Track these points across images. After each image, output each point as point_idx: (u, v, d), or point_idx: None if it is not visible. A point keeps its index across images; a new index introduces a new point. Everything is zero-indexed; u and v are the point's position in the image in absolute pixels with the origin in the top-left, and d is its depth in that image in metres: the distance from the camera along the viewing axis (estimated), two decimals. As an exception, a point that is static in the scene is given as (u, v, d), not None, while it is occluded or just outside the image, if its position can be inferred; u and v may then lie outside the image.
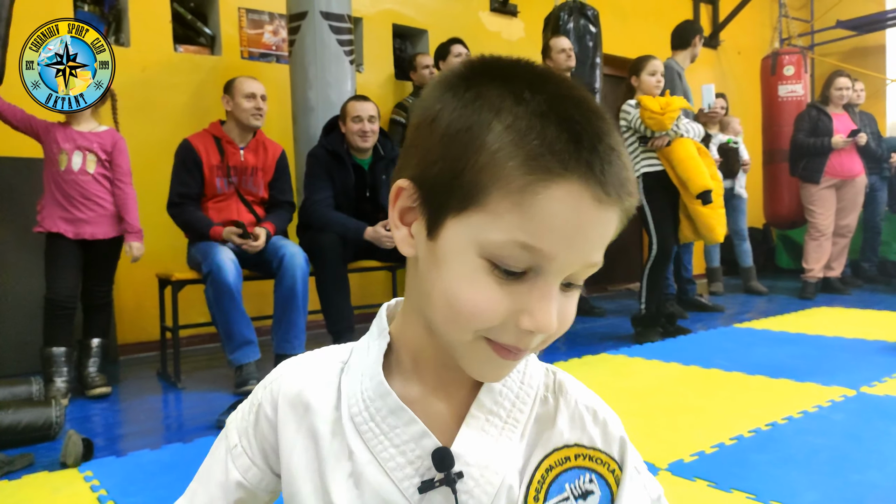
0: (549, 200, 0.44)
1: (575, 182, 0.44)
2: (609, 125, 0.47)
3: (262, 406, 0.59)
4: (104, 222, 2.86)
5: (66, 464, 1.98)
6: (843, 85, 5.01)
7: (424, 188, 0.49)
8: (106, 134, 2.88)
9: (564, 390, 0.58)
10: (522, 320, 0.47)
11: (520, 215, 0.45)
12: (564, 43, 4.18)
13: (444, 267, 0.48)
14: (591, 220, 0.46)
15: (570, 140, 0.44)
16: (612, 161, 0.46)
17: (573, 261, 0.47)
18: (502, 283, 0.46)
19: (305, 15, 3.48)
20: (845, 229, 5.19)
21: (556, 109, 0.45)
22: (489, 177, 0.45)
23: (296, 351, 2.88)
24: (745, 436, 2.06)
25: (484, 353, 0.49)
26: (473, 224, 0.46)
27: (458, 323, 0.48)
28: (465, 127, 0.46)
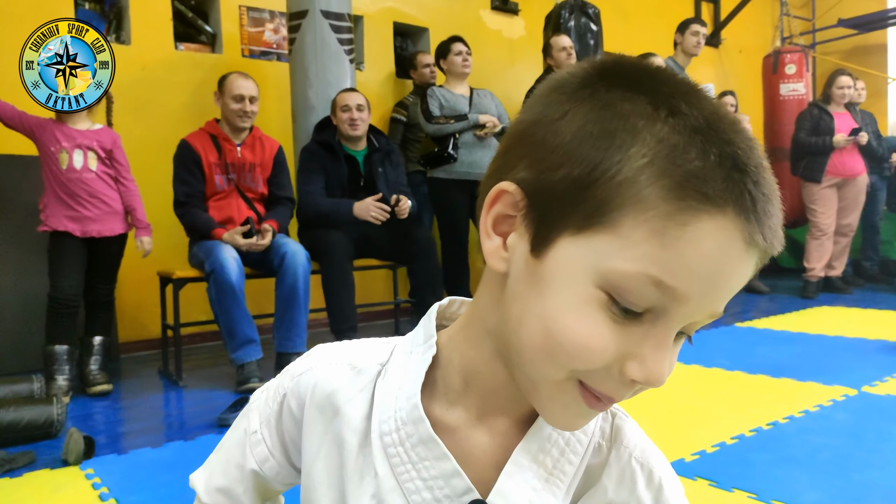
0: (698, 235, 0.37)
1: (731, 218, 0.38)
2: (766, 160, 0.41)
3: (288, 399, 0.54)
4: (110, 219, 2.86)
5: (67, 461, 1.98)
6: (844, 84, 5.00)
7: (537, 196, 0.42)
8: (103, 132, 2.88)
9: (620, 439, 0.51)
10: (630, 368, 0.40)
11: (660, 247, 0.38)
12: (565, 41, 4.18)
13: (549, 292, 0.41)
14: (735, 265, 0.39)
15: (735, 167, 0.38)
16: (773, 201, 0.40)
17: (704, 308, 0.40)
18: (617, 322, 0.40)
19: (306, 14, 3.47)
20: (847, 228, 5.19)
21: (717, 129, 0.39)
22: (628, 195, 0.38)
23: (297, 349, 2.88)
24: (747, 435, 2.06)
25: (569, 398, 0.43)
26: (597, 247, 0.39)
27: (555, 358, 0.41)
28: (606, 132, 0.39)
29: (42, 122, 2.76)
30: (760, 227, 0.39)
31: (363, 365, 0.52)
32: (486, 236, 0.45)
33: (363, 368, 0.52)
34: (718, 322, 4.13)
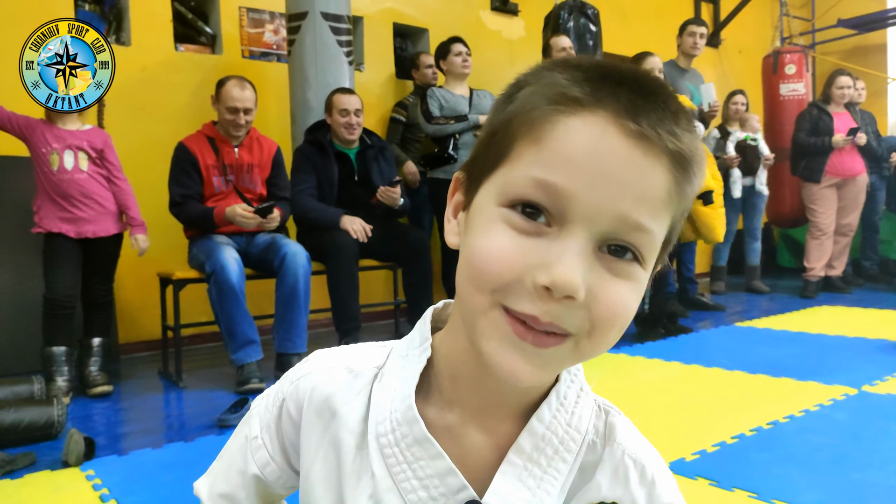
0: (567, 130, 0.41)
1: (599, 112, 0.41)
2: (661, 84, 0.44)
3: (287, 403, 0.55)
4: (105, 220, 2.86)
5: (67, 463, 1.98)
6: (844, 84, 5.01)
7: (469, 168, 0.48)
8: (94, 132, 2.88)
9: (613, 436, 0.52)
10: (539, 275, 0.41)
11: (537, 150, 0.42)
12: (565, 42, 4.18)
13: (470, 231, 0.45)
14: (618, 157, 0.40)
15: (605, 78, 0.42)
16: (654, 99, 0.42)
17: (602, 209, 0.41)
18: (521, 234, 0.42)
19: (305, 15, 3.48)
20: (847, 228, 5.19)
21: (599, 64, 0.44)
22: (517, 123, 0.44)
23: (297, 350, 2.88)
24: (747, 434, 2.06)
25: (501, 329, 0.43)
26: (499, 177, 0.44)
27: (475, 282, 0.43)
28: (504, 97, 0.47)
29: (32, 122, 2.76)
30: (635, 117, 0.41)
31: (360, 368, 0.53)
32: (446, 221, 0.51)
33: (360, 372, 0.53)
34: (719, 322, 4.13)
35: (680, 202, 0.44)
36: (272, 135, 3.37)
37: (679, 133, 0.42)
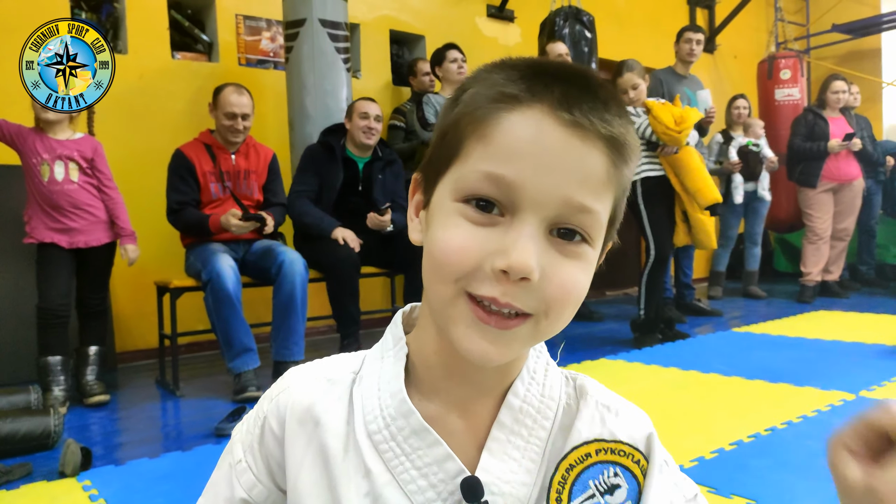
0: (510, 125, 0.45)
1: (536, 106, 0.45)
2: (590, 74, 0.48)
3: (268, 420, 0.56)
4: (96, 229, 2.86)
5: (64, 473, 1.97)
6: (839, 88, 5.03)
7: (425, 170, 0.52)
8: (84, 141, 2.87)
9: (585, 392, 0.55)
10: (497, 260, 0.44)
11: (484, 146, 0.46)
12: (561, 48, 4.19)
13: (430, 226, 0.49)
14: (558, 145, 0.44)
15: (535, 73, 0.46)
16: (586, 90, 0.46)
17: (546, 192, 0.44)
18: (477, 225, 0.46)
19: (303, 22, 3.48)
20: (843, 233, 5.21)
21: (534, 62, 0.48)
22: (464, 123, 0.47)
23: (295, 357, 2.88)
24: (745, 441, 2.06)
25: (466, 314, 0.46)
26: (452, 175, 0.48)
27: (437, 273, 0.47)
28: (451, 101, 0.50)
29: (24, 132, 2.75)
30: (568, 108, 0.44)
31: (337, 376, 0.55)
32: (409, 221, 0.54)
33: (337, 379, 0.55)
34: (716, 327, 4.13)
35: (619, 182, 0.48)
36: (270, 142, 3.37)
37: (610, 119, 0.46)
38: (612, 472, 0.52)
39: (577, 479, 0.51)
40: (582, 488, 0.51)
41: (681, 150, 3.53)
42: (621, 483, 0.52)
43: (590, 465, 0.51)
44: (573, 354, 3.44)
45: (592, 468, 0.52)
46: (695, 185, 3.52)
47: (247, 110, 3.07)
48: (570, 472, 0.51)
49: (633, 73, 3.67)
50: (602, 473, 0.52)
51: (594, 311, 4.64)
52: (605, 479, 0.52)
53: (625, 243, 3.08)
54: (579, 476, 0.51)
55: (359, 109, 3.27)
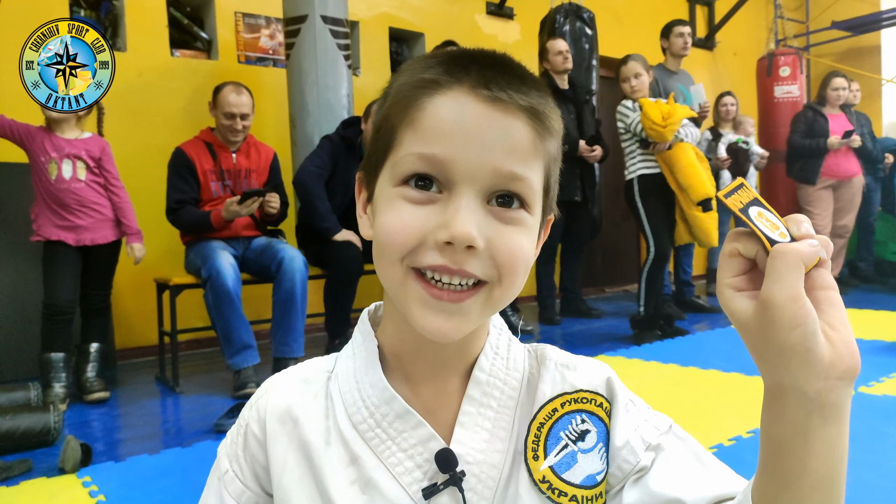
0: (434, 107, 0.48)
1: (455, 87, 0.48)
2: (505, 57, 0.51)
3: (250, 426, 0.57)
4: (103, 227, 2.87)
5: (64, 469, 1.98)
6: (839, 85, 5.03)
7: (366, 167, 0.54)
8: (92, 140, 2.88)
9: (545, 358, 0.58)
10: (439, 233, 0.47)
11: (413, 130, 0.48)
12: (561, 45, 4.19)
13: (375, 216, 0.52)
14: (482, 120, 0.47)
15: (452, 60, 0.49)
16: (501, 69, 0.49)
17: (475, 165, 0.47)
18: (417, 204, 0.48)
19: (305, 18, 3.48)
20: (843, 230, 5.21)
21: (452, 52, 0.51)
22: (393, 115, 0.50)
23: (295, 354, 2.88)
24: (744, 437, 2.07)
25: (418, 294, 0.49)
26: (389, 164, 0.50)
27: (384, 255, 0.49)
28: (381, 98, 0.53)
29: (31, 130, 2.76)
30: (486, 84, 0.47)
31: (311, 376, 0.58)
32: (359, 218, 0.56)
33: (312, 379, 0.58)
34: (715, 324, 4.14)
35: (546, 151, 0.51)
36: (269, 140, 3.37)
37: (527, 91, 0.49)
38: (579, 420, 0.54)
39: (549, 434, 0.54)
40: (555, 441, 0.53)
41: (673, 146, 3.53)
42: (590, 428, 0.54)
43: (558, 419, 0.54)
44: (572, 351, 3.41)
45: (560, 420, 0.54)
46: (686, 180, 3.52)
47: (246, 110, 3.06)
48: (541, 430, 0.54)
49: (637, 62, 3.69)
50: (571, 423, 0.54)
51: (593, 307, 4.64)
52: (574, 428, 0.54)
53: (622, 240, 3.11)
54: (550, 430, 0.54)
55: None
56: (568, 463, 0.53)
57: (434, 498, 0.51)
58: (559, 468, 0.53)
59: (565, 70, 4.18)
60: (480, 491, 0.52)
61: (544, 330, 4.19)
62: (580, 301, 4.62)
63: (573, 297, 4.62)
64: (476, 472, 0.52)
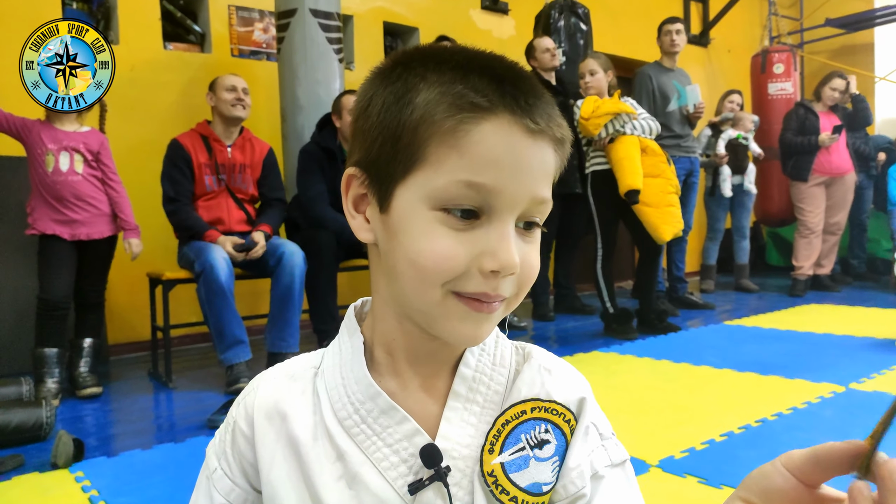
0: (482, 135, 0.47)
1: (503, 114, 0.47)
2: (530, 76, 0.51)
3: (238, 423, 0.57)
4: (99, 222, 2.85)
5: (56, 464, 1.97)
6: (837, 86, 5.05)
7: (370, 168, 0.51)
8: (90, 134, 2.86)
9: (530, 356, 0.59)
10: (485, 262, 0.48)
11: (458, 156, 0.47)
12: (548, 42, 4.19)
13: (402, 233, 0.49)
14: (526, 151, 0.48)
15: (492, 80, 0.48)
16: (536, 95, 0.49)
17: (519, 193, 0.48)
18: (459, 231, 0.48)
19: (294, 12, 3.47)
20: (835, 227, 5.23)
21: (477, 61, 0.49)
22: (424, 129, 0.48)
23: (291, 349, 2.88)
24: (736, 432, 2.08)
25: (458, 310, 0.50)
26: (419, 181, 0.48)
27: (425, 281, 0.49)
28: (395, 98, 0.50)
29: (28, 123, 2.75)
30: (531, 116, 0.48)
31: (298, 372, 0.58)
32: (350, 217, 0.54)
33: (299, 375, 0.58)
34: (708, 320, 4.15)
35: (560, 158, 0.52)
36: (262, 134, 3.35)
37: (559, 121, 0.51)
38: (543, 429, 0.55)
39: (511, 433, 0.54)
40: (514, 441, 0.54)
41: (616, 140, 3.54)
42: (551, 439, 0.55)
43: (524, 421, 0.55)
44: (566, 347, 3.46)
45: (526, 423, 0.55)
46: (617, 173, 3.52)
47: (246, 86, 3.09)
48: (504, 427, 0.54)
49: (594, 60, 3.73)
50: (534, 429, 0.55)
51: (586, 304, 4.65)
52: (535, 434, 0.55)
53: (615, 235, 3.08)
54: (513, 430, 0.54)
55: (348, 106, 3.17)
56: (519, 465, 0.53)
57: (420, 493, 0.52)
58: (509, 467, 0.53)
59: (553, 67, 4.19)
60: (466, 486, 0.53)
61: (538, 326, 4.19)
62: (574, 297, 4.63)
63: (567, 293, 4.63)
64: (461, 468, 0.53)
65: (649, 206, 3.49)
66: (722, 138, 5.02)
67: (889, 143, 5.71)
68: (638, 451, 1.92)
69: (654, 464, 1.84)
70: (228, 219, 3.04)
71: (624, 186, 3.46)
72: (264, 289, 3.00)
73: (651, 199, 3.50)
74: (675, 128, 4.48)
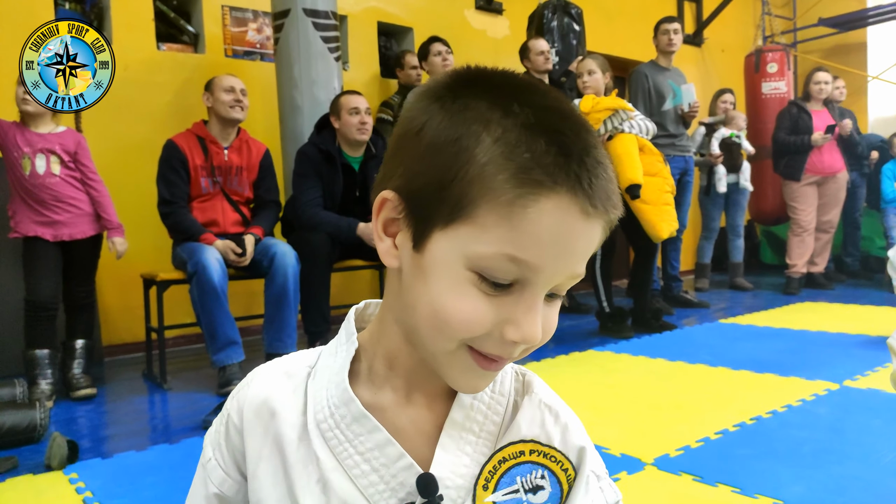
0: (539, 213, 0.44)
1: (564, 195, 0.45)
2: (595, 139, 0.48)
3: (231, 416, 0.58)
4: (81, 222, 2.83)
5: (50, 466, 1.96)
6: (821, 79, 5.06)
7: (410, 200, 0.49)
8: (66, 134, 2.84)
9: (531, 390, 0.58)
10: (508, 331, 0.47)
11: (508, 228, 0.45)
12: (543, 45, 4.19)
13: (432, 279, 0.48)
14: (578, 233, 0.46)
15: (560, 153, 0.45)
16: (599, 174, 0.46)
17: (560, 272, 0.47)
18: (489, 295, 0.47)
19: (289, 13, 3.46)
20: (827, 225, 5.25)
21: (545, 122, 0.45)
22: (478, 189, 0.45)
23: (288, 350, 2.86)
24: (730, 430, 2.08)
25: (465, 363, 0.49)
26: (461, 237, 0.46)
27: (444, 333, 0.48)
28: (452, 138, 0.46)
29: (4, 125, 2.72)
30: (591, 199, 0.45)
31: (294, 370, 0.58)
32: (378, 239, 0.52)
33: (294, 373, 0.58)
34: (703, 319, 4.16)
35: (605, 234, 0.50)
36: (259, 135, 3.35)
37: (616, 201, 0.48)
38: (539, 474, 0.55)
39: (507, 472, 0.54)
40: (509, 481, 0.54)
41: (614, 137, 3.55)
42: (546, 486, 0.55)
43: (521, 463, 0.54)
44: (562, 346, 3.46)
45: (522, 466, 0.54)
46: (617, 168, 3.49)
47: (244, 87, 3.07)
48: (501, 465, 0.54)
49: (592, 60, 3.75)
50: (531, 473, 0.54)
51: (582, 303, 4.65)
52: (531, 479, 0.54)
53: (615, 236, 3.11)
54: (509, 470, 0.54)
55: (347, 106, 3.14)
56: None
57: None
58: None
59: (546, 70, 4.19)
60: None
61: (533, 325, 4.19)
62: (570, 296, 4.63)
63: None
64: (453, 497, 0.52)
65: (647, 203, 3.51)
66: (715, 137, 5.04)
67: (882, 142, 5.74)
68: (633, 450, 1.92)
69: (650, 462, 1.84)
70: (223, 220, 3.03)
71: (625, 181, 3.47)
72: (259, 289, 2.99)
73: (649, 197, 3.52)
74: (669, 127, 4.49)
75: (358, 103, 3.15)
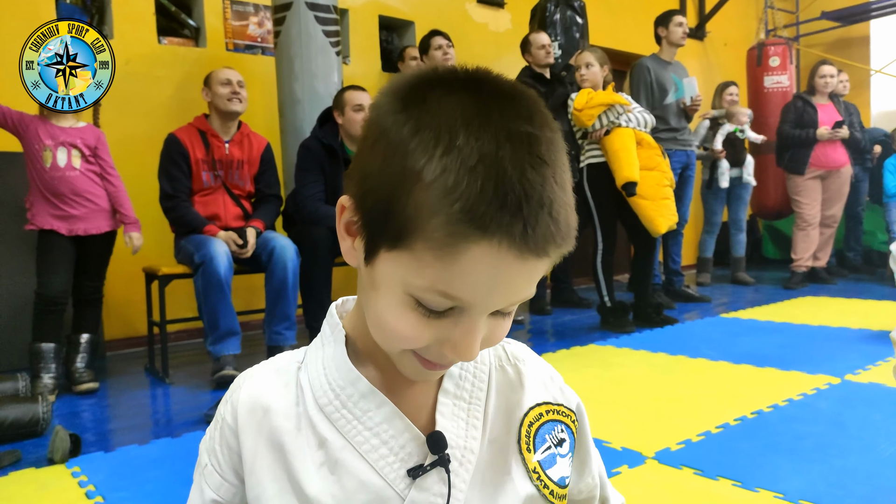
0: (470, 260, 0.44)
1: (495, 243, 0.43)
2: (546, 173, 0.45)
3: (225, 418, 0.59)
4: (97, 217, 2.85)
5: (53, 460, 1.97)
6: (826, 73, 5.04)
7: (362, 212, 0.49)
8: (87, 129, 2.86)
9: (523, 359, 0.64)
10: (446, 349, 0.49)
11: (441, 268, 0.45)
12: (544, 39, 4.17)
13: (379, 293, 0.50)
14: (513, 274, 0.46)
15: (496, 198, 0.42)
16: (540, 219, 0.44)
17: (498, 304, 0.48)
18: (428, 317, 0.48)
19: (290, 6, 3.45)
20: (831, 219, 5.24)
21: (488, 160, 0.43)
22: (416, 225, 0.44)
23: (288, 342, 2.89)
24: (732, 424, 2.08)
25: (412, 363, 0.52)
26: (402, 264, 0.47)
27: (387, 342, 0.51)
28: (398, 169, 0.45)
29: (26, 118, 2.74)
30: (528, 244, 0.44)
31: (282, 366, 0.60)
32: (341, 239, 0.53)
33: (283, 369, 0.60)
34: (704, 313, 4.16)
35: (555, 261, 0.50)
36: (259, 129, 3.34)
37: (562, 239, 0.46)
38: (559, 429, 0.62)
39: (537, 434, 0.61)
40: (541, 441, 0.61)
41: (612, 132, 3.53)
42: (566, 437, 0.63)
43: (544, 423, 0.61)
44: (563, 340, 3.46)
45: (546, 425, 0.62)
46: (614, 164, 3.51)
47: (241, 79, 3.07)
48: (531, 428, 0.60)
49: (590, 53, 3.74)
50: (553, 430, 0.62)
51: (583, 298, 4.66)
52: (556, 434, 0.62)
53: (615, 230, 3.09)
54: (538, 431, 0.61)
55: (352, 102, 3.13)
56: (550, 462, 0.60)
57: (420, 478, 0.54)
58: (544, 464, 0.60)
59: (547, 64, 4.17)
60: (461, 474, 0.56)
61: (535, 320, 4.20)
62: (571, 291, 4.63)
63: (564, 286, 4.63)
64: (458, 457, 0.56)
65: (645, 198, 3.50)
66: (720, 133, 5.03)
67: (885, 136, 5.72)
68: (634, 443, 1.92)
69: (651, 456, 1.84)
70: (224, 214, 3.03)
71: (621, 179, 3.46)
72: (259, 284, 3.00)
73: (647, 192, 3.51)
74: (671, 121, 4.48)
75: (362, 100, 3.15)
